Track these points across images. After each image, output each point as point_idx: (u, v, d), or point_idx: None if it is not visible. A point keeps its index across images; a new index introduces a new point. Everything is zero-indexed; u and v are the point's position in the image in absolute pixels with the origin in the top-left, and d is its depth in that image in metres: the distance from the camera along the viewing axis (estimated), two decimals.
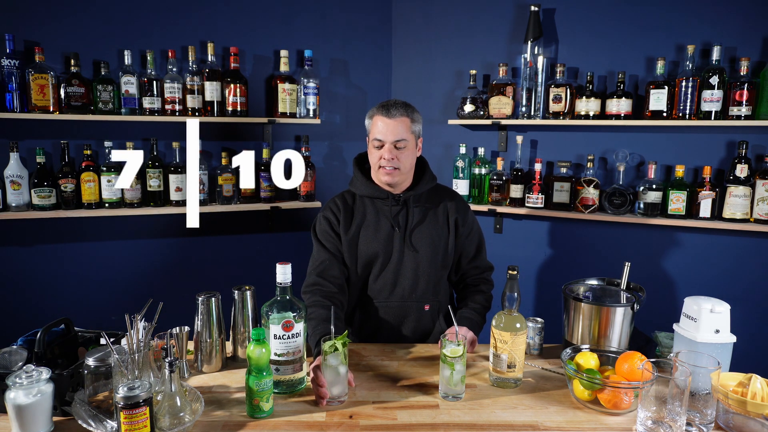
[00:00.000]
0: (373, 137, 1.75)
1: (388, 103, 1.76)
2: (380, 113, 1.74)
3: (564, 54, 2.65)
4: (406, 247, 1.78)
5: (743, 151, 2.33)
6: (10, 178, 2.37)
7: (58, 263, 2.60)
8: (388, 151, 1.72)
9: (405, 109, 1.75)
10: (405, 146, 1.74)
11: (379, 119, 1.74)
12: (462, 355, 1.34)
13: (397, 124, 1.72)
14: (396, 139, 1.72)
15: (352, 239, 1.78)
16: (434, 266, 1.80)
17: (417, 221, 1.81)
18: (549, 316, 1.81)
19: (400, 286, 1.78)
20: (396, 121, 1.72)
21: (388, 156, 1.72)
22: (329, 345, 1.31)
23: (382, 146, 1.74)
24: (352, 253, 1.78)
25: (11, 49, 2.31)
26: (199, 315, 1.50)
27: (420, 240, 1.79)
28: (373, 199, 1.83)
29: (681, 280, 2.57)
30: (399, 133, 1.72)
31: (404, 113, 1.74)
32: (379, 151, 1.75)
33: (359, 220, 1.81)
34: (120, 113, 2.49)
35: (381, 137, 1.73)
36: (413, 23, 2.93)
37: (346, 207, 1.83)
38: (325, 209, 1.85)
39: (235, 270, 2.88)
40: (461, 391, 1.36)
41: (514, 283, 1.44)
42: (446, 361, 1.35)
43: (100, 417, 1.18)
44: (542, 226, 2.81)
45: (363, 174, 1.86)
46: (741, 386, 1.24)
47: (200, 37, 2.63)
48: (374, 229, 1.79)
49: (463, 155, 2.79)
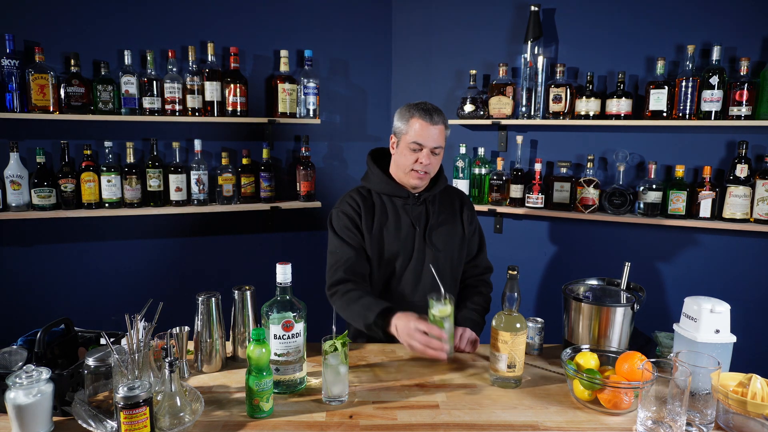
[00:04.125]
0: (413, 140, 1.74)
1: (428, 107, 1.76)
2: (422, 117, 1.74)
3: (564, 54, 2.65)
4: (427, 246, 1.81)
5: (743, 151, 2.33)
6: (10, 178, 2.37)
7: (58, 263, 2.60)
8: (426, 156, 1.74)
9: (442, 116, 1.78)
10: (440, 153, 1.78)
11: (421, 123, 1.73)
12: (450, 314, 1.45)
13: (439, 132, 1.75)
14: (435, 146, 1.75)
15: (376, 236, 1.79)
16: (453, 264, 1.84)
17: (435, 220, 1.84)
18: (549, 316, 1.82)
19: (422, 285, 1.80)
20: (438, 128, 1.75)
21: (426, 161, 1.74)
22: (329, 345, 1.31)
23: (420, 150, 1.74)
24: (375, 251, 1.79)
25: (11, 49, 2.31)
26: (199, 315, 1.50)
27: (438, 238, 1.83)
28: (391, 197, 1.83)
29: (681, 280, 2.57)
30: (438, 140, 1.75)
31: (443, 121, 1.77)
32: (415, 153, 1.75)
33: (380, 217, 1.81)
34: (120, 113, 2.49)
35: (422, 141, 1.73)
36: (413, 23, 2.93)
37: (366, 203, 1.82)
38: (341, 204, 1.83)
39: (235, 270, 2.88)
40: (450, 350, 1.48)
41: (514, 283, 1.44)
42: (435, 320, 1.46)
43: (100, 417, 1.18)
44: (542, 226, 2.81)
45: (381, 170, 1.86)
46: (741, 386, 1.24)
47: (200, 37, 2.63)
48: (395, 228, 1.80)
49: (463, 155, 2.79)
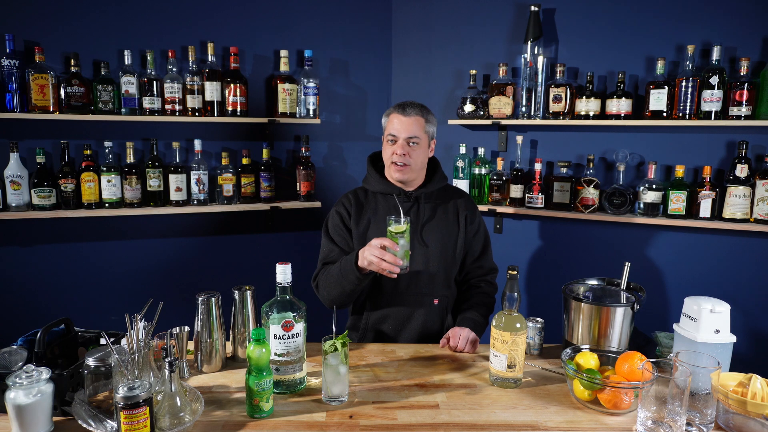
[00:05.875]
0: (388, 133, 1.83)
1: (405, 102, 1.85)
2: (396, 111, 1.83)
3: (564, 54, 2.65)
4: (417, 243, 1.82)
5: (743, 151, 2.33)
6: (10, 178, 2.37)
7: (58, 263, 2.60)
8: (400, 147, 1.79)
9: (420, 109, 1.84)
10: (417, 143, 1.81)
11: (395, 116, 1.83)
12: (404, 231, 1.57)
13: (412, 122, 1.80)
14: (409, 136, 1.79)
15: (363, 232, 1.84)
16: (444, 262, 1.85)
17: (427, 218, 1.87)
18: (549, 316, 1.81)
19: (410, 281, 1.82)
20: (411, 119, 1.80)
21: (400, 151, 1.79)
22: (329, 345, 1.31)
23: (395, 142, 1.81)
24: (362, 246, 1.79)
25: (11, 49, 2.31)
26: (199, 315, 1.50)
27: (430, 236, 1.84)
28: (385, 195, 1.89)
29: (681, 280, 2.57)
30: (412, 131, 1.80)
31: (419, 113, 1.83)
32: (392, 146, 1.82)
33: (371, 214, 1.87)
34: (120, 113, 2.49)
35: (395, 133, 1.81)
36: (413, 23, 2.93)
37: (358, 202, 1.90)
38: (337, 204, 1.92)
39: (235, 270, 2.88)
40: (406, 265, 1.60)
41: (514, 283, 1.44)
42: (391, 236, 1.58)
43: (100, 417, 1.18)
44: (542, 226, 2.81)
45: (377, 171, 1.93)
46: (741, 386, 1.24)
47: (200, 37, 2.63)
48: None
49: (463, 155, 2.79)
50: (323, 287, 1.79)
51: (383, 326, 1.85)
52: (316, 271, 1.86)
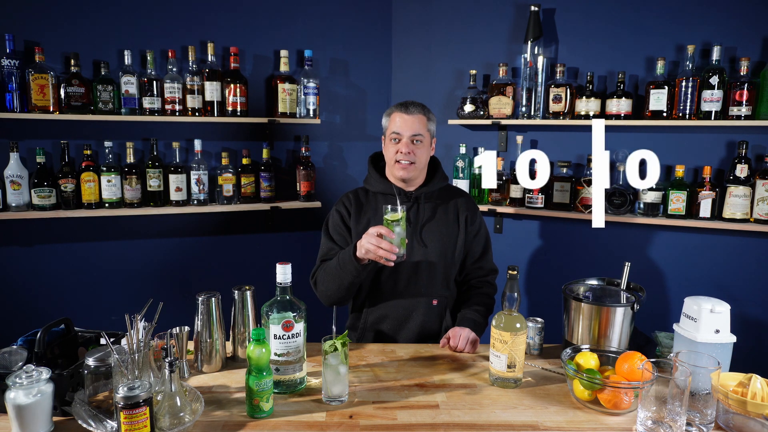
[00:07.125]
0: (391, 131, 1.83)
1: (407, 101, 1.87)
2: (399, 110, 1.84)
3: (564, 54, 2.65)
4: (416, 242, 1.83)
5: (743, 151, 2.33)
6: (10, 178, 2.37)
7: (58, 263, 2.60)
8: (405, 144, 1.80)
9: (422, 107, 1.86)
10: (421, 141, 1.82)
11: (398, 115, 1.83)
12: (400, 219, 1.58)
13: (415, 120, 1.81)
14: (413, 134, 1.80)
15: (363, 232, 1.81)
16: (443, 262, 1.84)
17: (428, 217, 1.87)
18: (549, 316, 1.81)
19: (409, 280, 1.82)
20: (414, 117, 1.82)
21: (405, 150, 1.80)
22: (329, 345, 1.31)
23: (399, 140, 1.82)
24: None
25: (11, 49, 2.31)
26: (199, 315, 1.50)
27: (430, 236, 1.84)
28: (386, 195, 1.89)
29: (681, 280, 2.57)
30: (416, 129, 1.81)
31: (421, 111, 1.84)
32: (396, 145, 1.83)
33: (370, 214, 1.87)
34: (120, 113, 2.49)
35: (399, 131, 1.81)
36: (413, 23, 2.93)
37: (358, 201, 1.91)
38: (338, 204, 1.93)
39: (235, 270, 2.88)
40: (402, 253, 1.60)
41: (514, 283, 1.45)
42: (387, 224, 1.58)
43: (100, 417, 1.18)
44: (542, 226, 2.81)
45: (377, 171, 1.93)
46: (741, 386, 1.25)
47: (200, 37, 2.63)
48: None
49: (463, 155, 2.79)
50: (321, 282, 1.80)
51: (382, 326, 1.85)
52: (314, 268, 1.86)
